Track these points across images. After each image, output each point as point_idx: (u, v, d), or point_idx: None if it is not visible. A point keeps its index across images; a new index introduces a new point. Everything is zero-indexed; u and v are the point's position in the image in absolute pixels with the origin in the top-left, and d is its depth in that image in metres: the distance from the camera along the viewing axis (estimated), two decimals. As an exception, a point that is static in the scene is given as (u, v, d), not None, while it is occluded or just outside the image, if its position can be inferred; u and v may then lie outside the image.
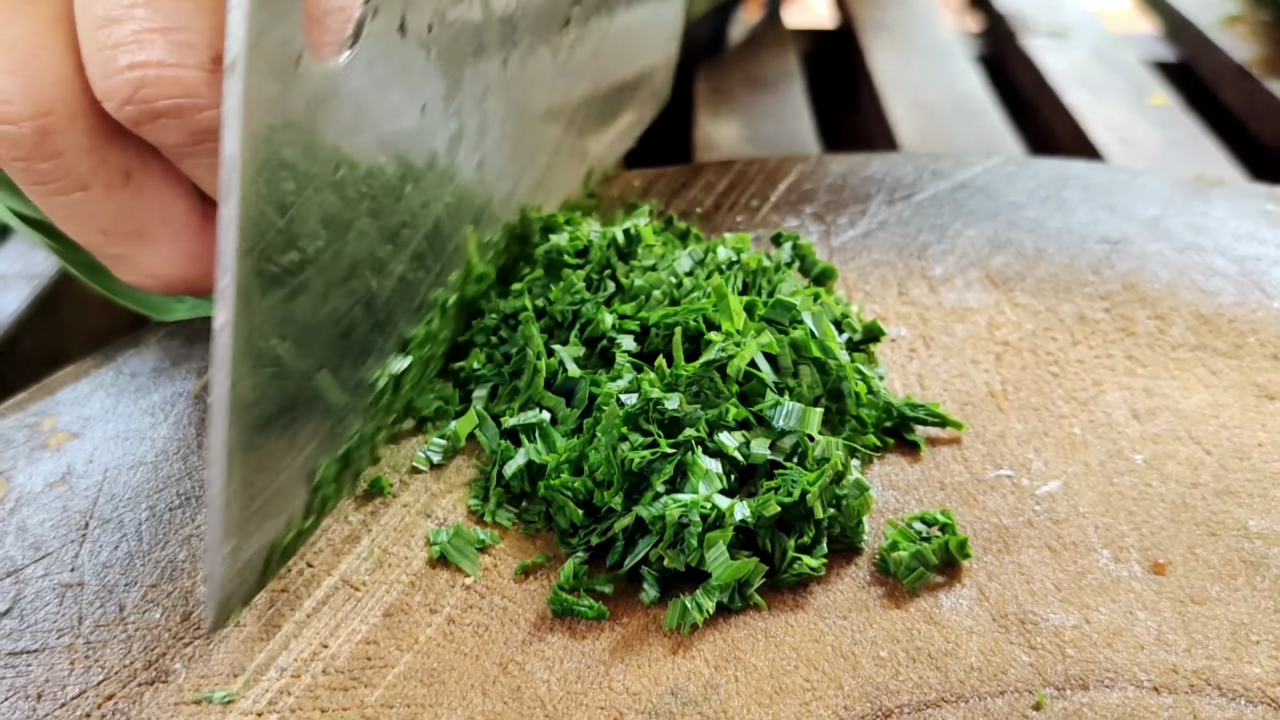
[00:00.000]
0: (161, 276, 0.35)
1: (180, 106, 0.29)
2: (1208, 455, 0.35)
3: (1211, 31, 0.82)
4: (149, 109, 0.29)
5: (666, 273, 0.39)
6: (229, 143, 0.25)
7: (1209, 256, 0.45)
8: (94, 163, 0.31)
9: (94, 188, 0.31)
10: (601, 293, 0.38)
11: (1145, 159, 0.64)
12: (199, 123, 0.29)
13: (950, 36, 0.88)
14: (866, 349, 0.39)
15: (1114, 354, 0.40)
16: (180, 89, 0.28)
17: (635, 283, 0.38)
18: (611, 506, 0.32)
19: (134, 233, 0.33)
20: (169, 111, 0.29)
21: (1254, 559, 0.31)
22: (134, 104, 0.29)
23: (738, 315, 0.35)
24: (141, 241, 0.33)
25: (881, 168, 0.53)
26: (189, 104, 0.29)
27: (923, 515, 0.33)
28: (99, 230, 0.33)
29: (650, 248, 0.41)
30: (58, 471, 0.36)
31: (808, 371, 0.34)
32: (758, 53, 0.86)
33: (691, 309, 0.36)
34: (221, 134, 0.25)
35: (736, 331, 0.34)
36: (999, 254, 0.46)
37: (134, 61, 0.28)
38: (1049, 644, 0.29)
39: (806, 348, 0.35)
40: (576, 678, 0.29)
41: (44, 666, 0.30)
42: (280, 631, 0.30)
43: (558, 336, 0.38)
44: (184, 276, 0.35)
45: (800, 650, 0.29)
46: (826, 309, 0.37)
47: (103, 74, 0.29)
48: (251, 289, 0.26)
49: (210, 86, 0.29)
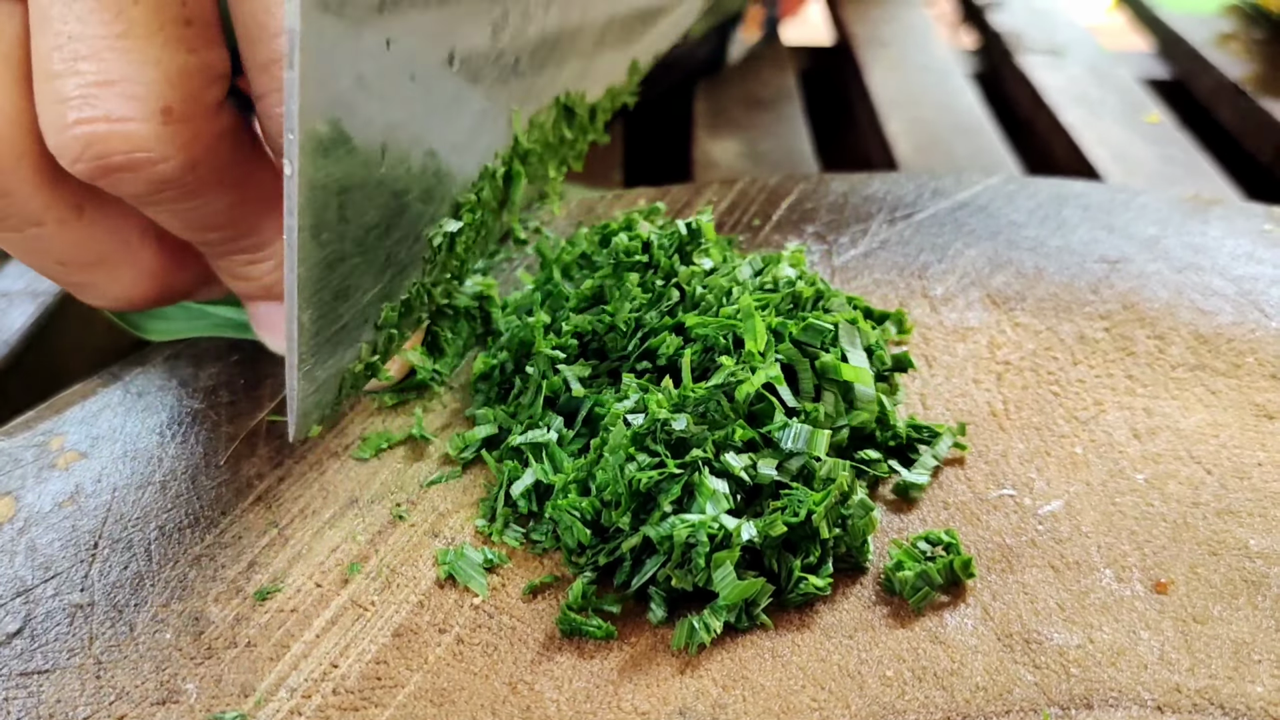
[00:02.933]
0: (125, 298, 0.35)
1: (134, 160, 0.28)
2: (1208, 475, 0.35)
3: (1206, 49, 0.83)
4: (101, 165, 0.28)
5: (728, 279, 0.39)
6: (290, 9, 0.25)
7: (1207, 276, 0.45)
8: (45, 200, 0.31)
9: (47, 223, 0.31)
10: (665, 302, 0.39)
11: (1140, 176, 0.65)
12: (156, 174, 0.29)
13: (947, 54, 0.89)
14: (890, 379, 0.39)
15: (1114, 373, 0.40)
16: (130, 144, 0.28)
17: (698, 289, 0.39)
18: (619, 526, 0.32)
19: (92, 262, 0.33)
20: (124, 166, 0.29)
21: (1255, 578, 0.32)
22: (86, 160, 0.28)
23: (761, 337, 0.35)
24: (101, 269, 0.33)
25: (882, 187, 0.53)
26: (142, 158, 0.28)
27: (927, 535, 0.33)
28: (56, 262, 0.33)
29: (708, 250, 0.41)
30: (66, 491, 0.37)
31: (831, 397, 0.35)
32: (756, 71, 0.86)
33: (723, 324, 0.36)
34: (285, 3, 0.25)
35: (759, 354, 0.35)
36: (999, 273, 0.46)
37: (81, 118, 0.28)
38: (1053, 663, 0.29)
39: (835, 372, 0.35)
40: (585, 697, 0.29)
41: (55, 687, 0.30)
42: (290, 652, 0.31)
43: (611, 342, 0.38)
44: (148, 295, 0.35)
45: (807, 670, 0.30)
46: (863, 336, 0.37)
47: (54, 129, 0.28)
48: (313, 150, 0.27)
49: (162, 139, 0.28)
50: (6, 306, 0.53)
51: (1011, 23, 0.93)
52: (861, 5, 1.00)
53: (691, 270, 0.39)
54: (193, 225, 0.33)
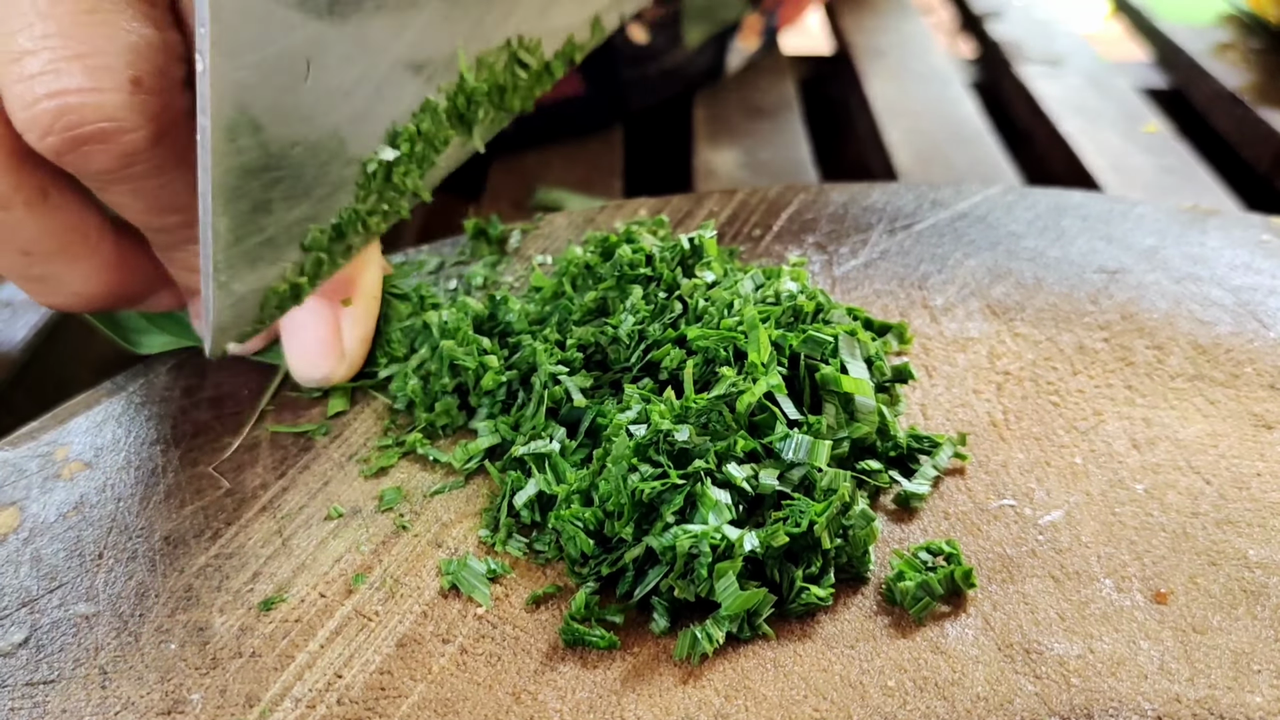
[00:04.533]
0: (84, 293, 0.36)
1: (104, 131, 0.29)
2: (1207, 485, 0.36)
3: (1203, 59, 0.84)
4: (72, 136, 0.29)
5: (730, 293, 0.39)
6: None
7: (1206, 287, 0.45)
8: (13, 182, 0.31)
9: (15, 207, 0.32)
10: (668, 314, 0.39)
11: (1139, 186, 0.65)
12: (125, 145, 0.30)
13: (945, 63, 0.89)
14: (890, 389, 0.39)
15: (1113, 384, 0.40)
16: (102, 113, 0.29)
17: (700, 303, 0.39)
18: (622, 537, 0.32)
19: (56, 250, 0.34)
20: (93, 136, 0.29)
21: (1254, 588, 0.32)
22: (56, 133, 0.29)
23: (764, 349, 0.35)
24: (63, 259, 0.34)
25: (882, 197, 0.54)
26: (112, 127, 0.29)
27: (928, 545, 0.33)
28: (21, 251, 0.33)
29: (709, 264, 0.41)
30: (71, 501, 0.37)
31: (832, 409, 0.35)
32: (755, 80, 0.87)
33: (724, 336, 0.36)
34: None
35: (762, 365, 0.35)
36: (999, 284, 0.46)
37: (52, 90, 0.28)
38: (1054, 673, 0.30)
39: (835, 384, 0.35)
40: (589, 707, 0.29)
41: (61, 697, 0.30)
42: (295, 662, 0.31)
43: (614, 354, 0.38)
44: (105, 290, 0.36)
45: (809, 680, 0.30)
46: (863, 348, 0.37)
47: (22, 105, 0.29)
48: (228, 49, 0.28)
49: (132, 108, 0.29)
50: (10, 317, 0.53)
51: (1010, 32, 0.94)
52: (860, 15, 1.01)
53: (694, 283, 0.40)
54: (153, 208, 0.33)
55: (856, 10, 1.02)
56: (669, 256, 0.41)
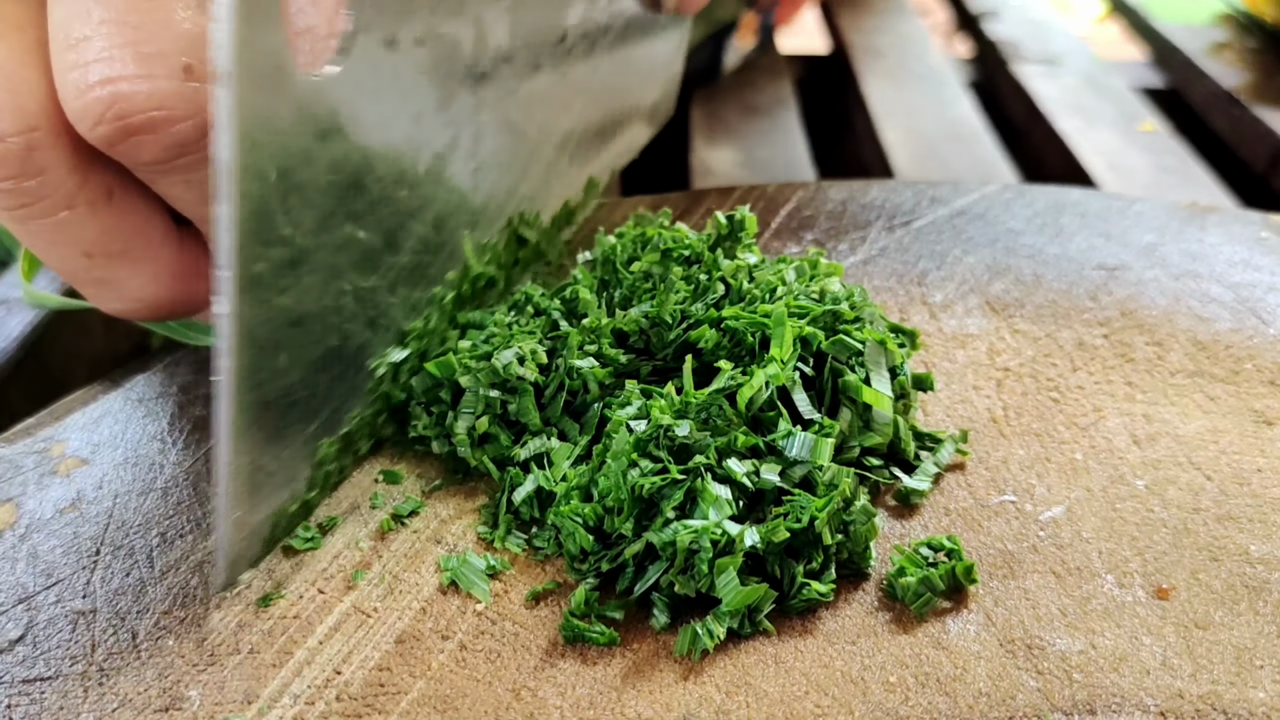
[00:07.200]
0: (146, 299, 0.35)
1: (154, 120, 0.29)
2: (1208, 480, 0.35)
3: (1200, 58, 0.84)
4: (124, 125, 0.28)
5: (776, 277, 0.39)
6: (222, 147, 0.25)
7: (1205, 283, 0.45)
8: (79, 180, 0.31)
9: (79, 205, 0.31)
10: (711, 295, 0.38)
11: (1135, 185, 0.65)
12: (175, 135, 0.29)
13: (942, 63, 0.89)
14: (908, 396, 0.38)
15: (1113, 380, 0.40)
16: (153, 101, 0.28)
17: (744, 284, 0.39)
18: (622, 532, 0.32)
19: (118, 252, 0.33)
20: (144, 126, 0.29)
21: (1256, 584, 0.32)
22: (107, 122, 0.28)
23: (786, 347, 0.35)
24: (125, 261, 0.33)
25: (880, 195, 0.53)
26: (163, 116, 0.29)
27: (929, 541, 0.33)
28: (83, 253, 0.33)
29: (751, 245, 0.41)
30: (68, 497, 0.37)
31: (848, 415, 0.35)
32: (752, 79, 0.87)
33: (755, 321, 0.36)
34: (214, 139, 0.25)
35: (781, 361, 0.34)
36: (998, 280, 0.46)
37: (105, 76, 0.28)
38: (1056, 669, 0.29)
39: (856, 393, 0.35)
40: (589, 704, 0.29)
41: (58, 694, 0.30)
42: (293, 658, 0.30)
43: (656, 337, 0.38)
44: (168, 297, 0.35)
45: (810, 676, 0.30)
46: (889, 357, 0.36)
47: (75, 93, 0.28)
48: (248, 284, 0.27)
49: (183, 97, 0.29)
50: (5, 314, 0.53)
51: (1006, 32, 0.94)
52: (857, 14, 1.01)
53: (736, 264, 0.39)
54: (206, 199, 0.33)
55: (853, 10, 1.02)
56: (707, 237, 0.41)
